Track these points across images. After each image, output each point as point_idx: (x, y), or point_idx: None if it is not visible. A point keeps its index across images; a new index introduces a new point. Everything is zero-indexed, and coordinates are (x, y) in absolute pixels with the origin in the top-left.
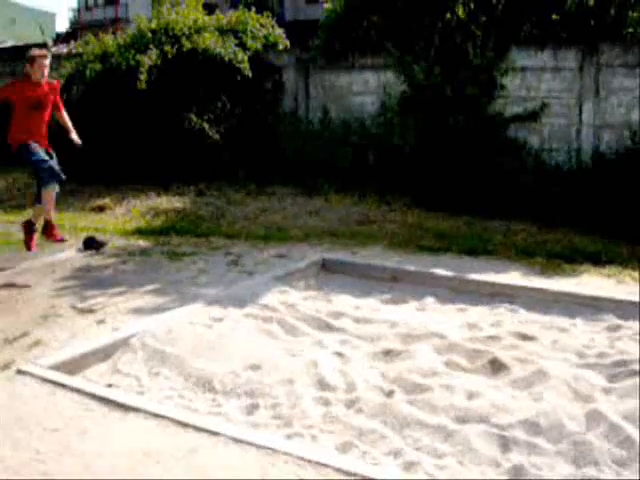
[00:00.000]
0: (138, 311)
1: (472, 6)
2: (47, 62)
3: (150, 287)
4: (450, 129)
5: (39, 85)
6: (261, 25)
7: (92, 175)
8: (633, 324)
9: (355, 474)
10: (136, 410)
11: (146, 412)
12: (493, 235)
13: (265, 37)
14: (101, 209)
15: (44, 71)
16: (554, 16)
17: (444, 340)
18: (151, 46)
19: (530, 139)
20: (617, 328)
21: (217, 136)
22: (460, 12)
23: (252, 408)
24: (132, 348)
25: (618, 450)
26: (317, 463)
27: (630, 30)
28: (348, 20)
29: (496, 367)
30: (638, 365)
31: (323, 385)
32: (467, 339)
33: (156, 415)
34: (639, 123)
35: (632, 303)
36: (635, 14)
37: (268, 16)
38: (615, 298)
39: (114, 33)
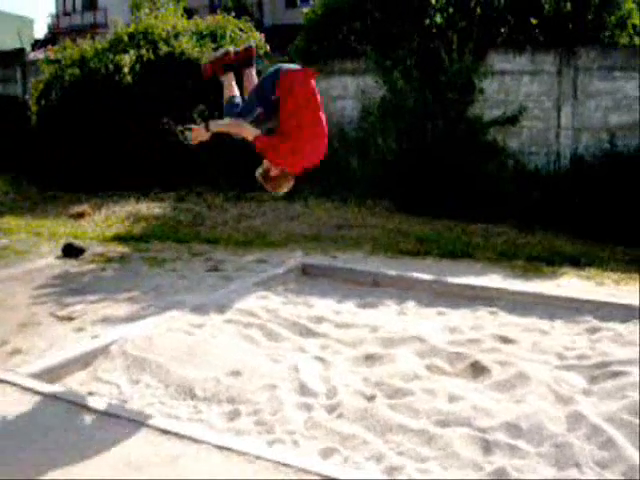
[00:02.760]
0: (118, 318)
1: (451, 11)
2: None
3: (130, 294)
4: (430, 133)
5: None
6: (240, 30)
7: (71, 181)
8: (613, 325)
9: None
10: (117, 418)
11: (127, 420)
12: (473, 238)
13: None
14: (80, 215)
15: None
16: (532, 20)
17: (425, 344)
18: (129, 49)
19: (509, 143)
20: (597, 330)
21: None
22: (438, 18)
23: (234, 414)
24: (112, 355)
25: (600, 452)
26: (300, 469)
27: (608, 34)
28: (327, 25)
29: (477, 370)
30: (618, 366)
31: (304, 390)
32: (448, 343)
33: (137, 423)
34: (617, 126)
35: (612, 305)
36: (613, 18)
37: (247, 21)
38: (595, 300)
39: (92, 38)
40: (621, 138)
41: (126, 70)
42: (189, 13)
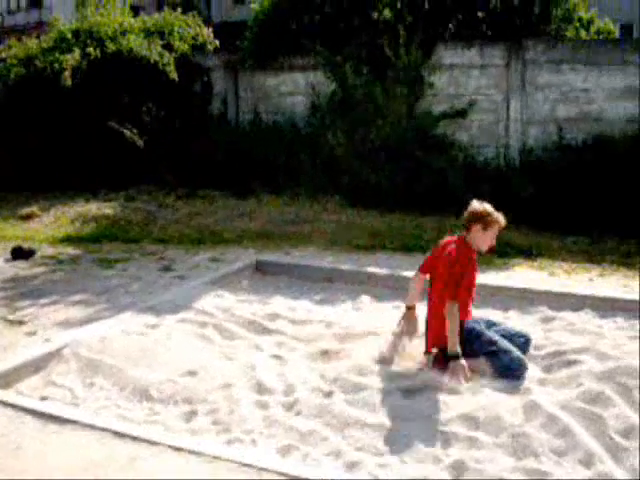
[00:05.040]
0: (70, 321)
1: (399, 6)
2: None
3: (81, 296)
4: (379, 128)
5: None
6: (188, 25)
7: (18, 182)
8: (566, 315)
9: (297, 477)
10: (72, 422)
11: (82, 424)
12: (426, 232)
13: (193, 38)
14: (28, 217)
15: None
16: (480, 14)
17: (381, 338)
18: (74, 48)
19: (459, 136)
20: (551, 319)
21: (141, 142)
22: (387, 12)
23: (190, 415)
24: (65, 359)
25: (556, 440)
26: (259, 468)
27: (554, 27)
28: (276, 21)
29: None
30: (572, 355)
31: (261, 388)
32: None
33: (92, 427)
34: (565, 118)
35: (564, 295)
36: (559, 11)
37: (195, 17)
38: (547, 290)
39: (38, 37)
40: (569, 130)
41: (67, 74)
42: (135, 10)
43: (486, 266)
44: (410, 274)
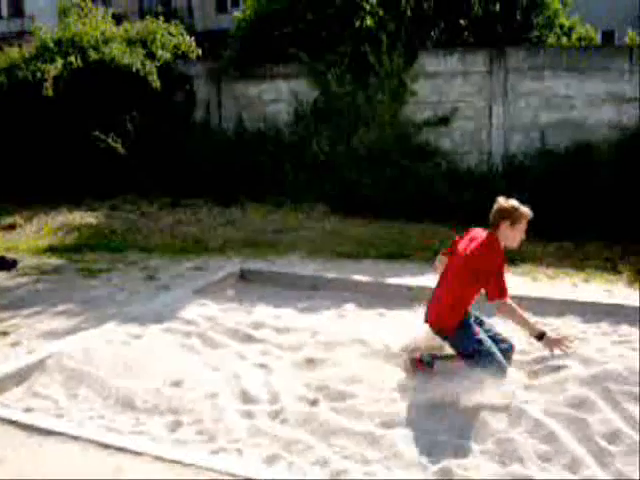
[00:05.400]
0: (54, 332)
1: (381, 13)
2: None
3: (65, 306)
4: (362, 135)
5: None
6: (170, 34)
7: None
8: (550, 320)
9: None
10: (56, 434)
11: (67, 435)
12: (410, 239)
13: (176, 47)
14: (11, 227)
15: None
16: (462, 21)
17: (365, 346)
18: (56, 57)
19: (442, 143)
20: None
21: (123, 150)
22: (369, 20)
23: (175, 425)
24: (49, 370)
25: (542, 446)
26: (244, 478)
27: (536, 34)
28: (259, 29)
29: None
30: (557, 361)
31: (246, 398)
32: (388, 343)
33: (77, 438)
34: (547, 124)
35: (548, 300)
36: (540, 18)
37: (177, 26)
38: (531, 296)
39: (20, 46)
40: (552, 136)
41: (49, 84)
42: (118, 19)
43: None
44: (395, 281)
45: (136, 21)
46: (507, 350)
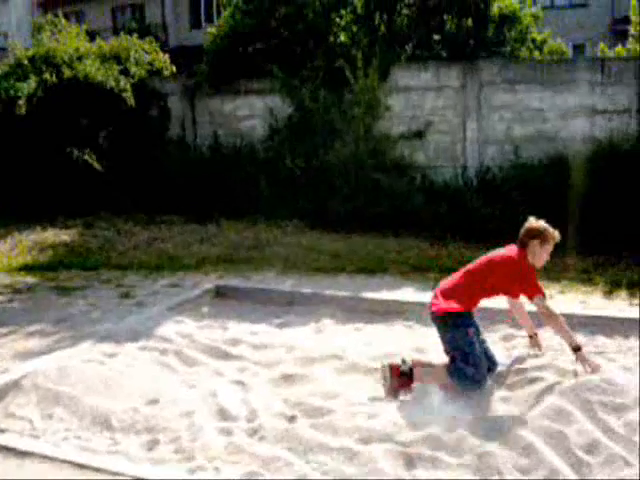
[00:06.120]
0: (29, 351)
1: (355, 29)
2: None
3: (40, 325)
4: (337, 150)
5: None
6: (144, 51)
7: None
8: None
9: None
10: (32, 455)
11: (42, 456)
12: (386, 253)
13: (150, 63)
14: None
15: None
16: (436, 36)
17: (343, 361)
18: (30, 74)
19: (417, 157)
20: (512, 337)
21: (99, 166)
22: (343, 36)
23: (152, 444)
24: (24, 390)
25: (521, 458)
26: None
27: (509, 48)
28: (233, 45)
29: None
30: (534, 372)
31: (224, 415)
32: (366, 358)
33: (53, 458)
34: (521, 138)
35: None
36: (513, 33)
37: (151, 42)
38: (507, 309)
39: None
40: (525, 149)
41: (21, 102)
42: (91, 35)
43: None
44: (371, 295)
45: (110, 38)
46: (491, 366)
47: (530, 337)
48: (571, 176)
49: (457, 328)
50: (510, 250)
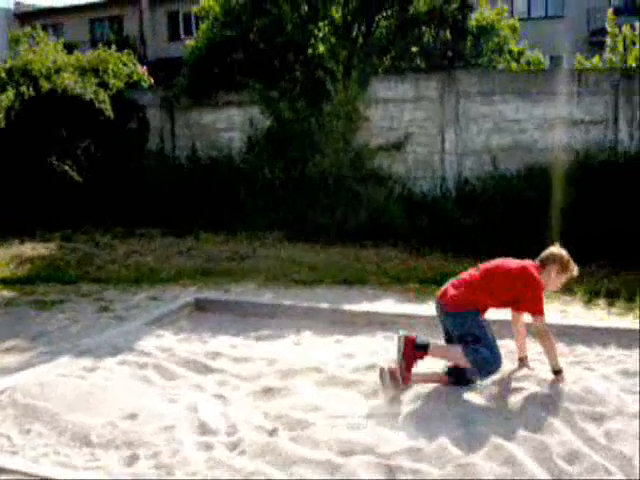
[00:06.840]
0: (6, 367)
1: (333, 41)
2: None
3: (17, 340)
4: (316, 162)
5: None
6: (123, 63)
7: None
8: (507, 343)
9: None
10: (9, 472)
11: (21, 473)
12: (366, 264)
13: (128, 75)
14: None
15: None
16: (414, 48)
17: (323, 373)
18: (8, 87)
19: (396, 169)
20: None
21: (79, 178)
22: (321, 48)
23: (132, 459)
24: (1, 405)
25: (502, 469)
26: None
27: (486, 59)
28: (211, 57)
29: (378, 396)
30: (515, 383)
31: (204, 429)
32: (346, 370)
33: (31, 475)
34: (498, 148)
35: (505, 322)
36: (490, 44)
37: (130, 54)
38: (490, 319)
39: None
40: (503, 160)
41: (1, 116)
42: (69, 48)
43: (426, 296)
44: (351, 307)
45: (88, 50)
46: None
47: (520, 360)
48: (549, 187)
49: (469, 314)
50: (527, 262)
